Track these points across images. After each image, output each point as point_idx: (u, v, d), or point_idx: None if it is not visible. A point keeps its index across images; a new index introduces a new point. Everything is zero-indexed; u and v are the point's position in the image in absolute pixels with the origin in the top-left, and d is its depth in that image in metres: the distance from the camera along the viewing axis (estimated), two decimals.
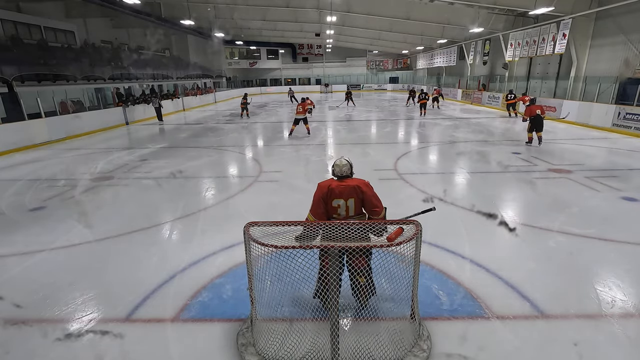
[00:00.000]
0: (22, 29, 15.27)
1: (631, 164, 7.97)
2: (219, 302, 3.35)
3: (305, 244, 2.42)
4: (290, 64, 42.43)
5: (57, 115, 13.02)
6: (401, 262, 2.65)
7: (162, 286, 3.62)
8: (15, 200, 6.46)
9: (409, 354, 2.62)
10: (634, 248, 4.18)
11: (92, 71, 17.23)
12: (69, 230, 5.10)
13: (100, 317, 3.18)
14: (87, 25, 19.46)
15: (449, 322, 3.02)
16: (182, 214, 5.57)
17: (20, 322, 3.14)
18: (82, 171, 7.83)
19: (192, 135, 13.44)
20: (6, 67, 12.56)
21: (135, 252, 4.39)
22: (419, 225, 2.51)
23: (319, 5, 19.92)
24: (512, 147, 9.89)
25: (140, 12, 19.55)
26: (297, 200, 6.07)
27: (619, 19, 13.04)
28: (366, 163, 8.62)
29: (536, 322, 3.01)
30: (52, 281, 3.75)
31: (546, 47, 15.76)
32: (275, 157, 9.38)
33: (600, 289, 3.40)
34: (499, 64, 21.77)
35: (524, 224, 4.94)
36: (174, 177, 7.71)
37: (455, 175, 7.59)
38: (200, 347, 2.81)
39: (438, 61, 29.53)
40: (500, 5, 15.49)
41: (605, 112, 12.26)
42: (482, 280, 3.58)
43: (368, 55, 40.73)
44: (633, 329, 2.91)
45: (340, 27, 26.07)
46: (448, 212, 5.47)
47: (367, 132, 13.44)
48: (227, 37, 30.52)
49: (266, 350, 2.65)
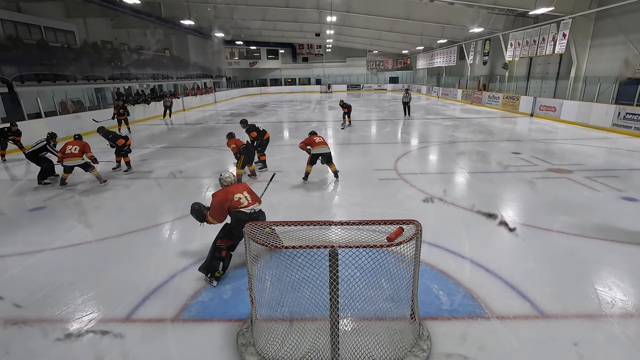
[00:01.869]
0: (22, 29, 15.27)
1: (631, 164, 7.96)
2: (219, 302, 3.35)
3: (305, 245, 2.42)
4: (290, 64, 42.42)
5: (57, 115, 13.03)
6: (401, 262, 2.65)
7: (162, 286, 3.62)
8: (15, 200, 6.46)
9: (409, 354, 2.62)
10: (634, 248, 4.18)
11: (92, 71, 17.24)
12: (69, 230, 5.10)
13: (100, 317, 3.18)
14: (87, 25, 19.47)
15: (449, 322, 3.02)
16: (182, 214, 5.56)
17: (20, 322, 3.14)
18: (82, 171, 7.79)
19: (192, 135, 13.44)
20: (6, 67, 12.56)
21: (135, 252, 4.39)
22: (419, 225, 2.51)
23: (319, 5, 19.91)
24: (512, 147, 9.90)
25: (140, 12, 19.55)
26: (297, 200, 6.08)
27: (619, 19, 13.04)
28: (366, 163, 8.63)
29: (536, 322, 3.01)
30: (52, 281, 3.75)
31: (546, 47, 15.76)
32: (275, 157, 9.38)
33: (600, 289, 3.40)
34: (499, 64, 21.77)
35: (524, 224, 4.94)
36: (174, 177, 7.71)
37: (455, 175, 7.59)
38: (200, 347, 2.81)
39: (438, 61, 29.53)
40: (500, 5, 15.49)
41: (605, 112, 12.26)
42: (482, 280, 3.58)
43: (368, 55, 40.71)
44: (633, 329, 2.91)
45: (340, 27, 26.07)
46: (448, 212, 5.47)
47: (367, 132, 13.44)
48: (227, 37, 30.55)
49: (266, 350, 2.65)
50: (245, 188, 3.86)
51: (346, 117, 14.44)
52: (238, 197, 3.69)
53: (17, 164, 9.31)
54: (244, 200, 3.71)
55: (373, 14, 20.55)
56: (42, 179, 7.27)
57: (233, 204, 3.66)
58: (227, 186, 3.81)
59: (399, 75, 41.53)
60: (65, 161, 6.87)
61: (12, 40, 14.30)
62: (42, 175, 7.28)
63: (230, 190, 3.74)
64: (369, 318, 2.95)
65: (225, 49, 37.72)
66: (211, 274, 3.62)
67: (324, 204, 6.00)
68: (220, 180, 3.89)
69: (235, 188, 3.78)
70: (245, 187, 3.87)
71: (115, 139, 7.75)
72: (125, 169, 8.04)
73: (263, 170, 7.94)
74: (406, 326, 2.82)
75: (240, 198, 3.70)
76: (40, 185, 7.20)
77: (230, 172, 3.98)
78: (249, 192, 3.84)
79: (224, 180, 3.86)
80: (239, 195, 3.71)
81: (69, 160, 6.88)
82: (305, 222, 2.64)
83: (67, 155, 6.87)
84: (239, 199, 3.69)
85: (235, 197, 3.68)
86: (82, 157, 6.99)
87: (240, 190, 3.78)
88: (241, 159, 6.87)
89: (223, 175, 3.91)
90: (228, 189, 3.76)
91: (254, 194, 3.90)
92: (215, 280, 3.62)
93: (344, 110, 14.28)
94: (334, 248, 2.27)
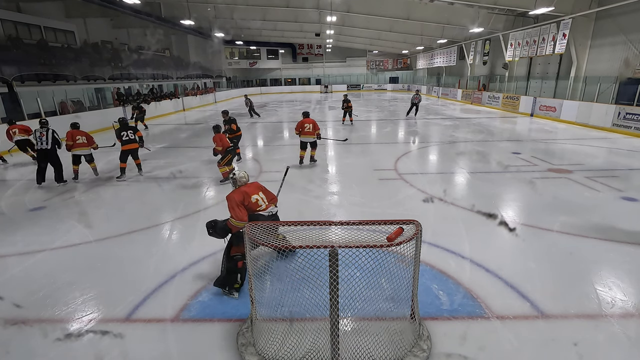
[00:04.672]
0: (22, 29, 15.25)
1: (631, 164, 7.96)
2: (219, 302, 3.35)
3: (305, 245, 2.42)
4: (290, 64, 42.41)
5: (57, 115, 13.03)
6: (401, 262, 2.65)
7: (162, 286, 3.62)
8: (15, 200, 6.45)
9: (409, 354, 2.62)
10: (634, 248, 4.18)
11: (92, 71, 17.24)
12: (69, 230, 5.10)
13: (100, 317, 3.18)
14: (87, 25, 19.45)
15: (449, 322, 3.02)
16: (182, 214, 5.57)
17: (20, 322, 3.14)
18: (82, 171, 7.80)
19: (192, 135, 13.44)
20: (6, 67, 12.56)
21: (135, 252, 4.39)
22: (419, 225, 2.51)
23: (319, 5, 19.90)
24: (512, 147, 9.89)
25: (140, 12, 19.55)
26: (297, 200, 6.08)
27: (619, 19, 13.04)
28: (366, 163, 8.63)
29: (536, 322, 3.01)
30: (52, 281, 3.75)
31: (546, 47, 15.76)
32: (275, 157, 9.38)
33: (600, 289, 3.40)
34: (499, 64, 21.77)
35: (524, 224, 4.94)
36: (174, 177, 7.71)
37: (455, 175, 7.59)
38: (200, 347, 2.81)
39: (438, 61, 29.53)
40: (500, 5, 15.49)
41: (605, 112, 12.27)
42: (482, 280, 3.58)
43: (368, 55, 40.70)
44: (633, 329, 2.91)
45: (340, 27, 26.07)
46: (448, 212, 5.47)
47: (367, 132, 13.43)
48: (227, 37, 30.54)
49: (266, 350, 2.65)
50: (260, 188, 3.68)
51: (348, 115, 14.59)
52: (255, 198, 3.50)
53: (17, 163, 9.30)
54: (262, 203, 3.53)
55: (373, 14, 20.55)
56: (62, 179, 7.12)
57: (251, 206, 3.45)
58: (241, 186, 3.56)
59: (399, 75, 41.52)
60: (74, 150, 6.79)
61: (12, 40, 14.29)
62: (61, 174, 7.10)
63: (246, 190, 3.50)
64: (369, 318, 2.95)
65: (225, 49, 37.72)
66: (229, 286, 3.40)
67: (324, 204, 6.00)
68: (233, 180, 3.60)
69: (250, 188, 3.56)
70: (259, 187, 3.68)
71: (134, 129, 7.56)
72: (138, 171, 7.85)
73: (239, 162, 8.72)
74: (406, 326, 2.82)
75: (257, 200, 3.50)
76: (60, 184, 7.08)
77: (244, 171, 3.66)
78: (264, 192, 3.67)
79: (239, 180, 3.58)
80: (255, 196, 3.51)
81: (78, 150, 6.82)
82: (305, 222, 2.64)
83: (77, 145, 6.81)
84: (256, 200, 3.49)
85: (253, 199, 3.48)
86: (89, 147, 6.98)
87: (256, 190, 3.58)
88: (227, 158, 7.02)
89: (237, 174, 3.61)
90: (243, 189, 3.51)
91: (269, 192, 3.73)
92: (236, 292, 3.39)
93: (348, 105, 14.48)
94: (334, 248, 2.26)
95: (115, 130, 7.37)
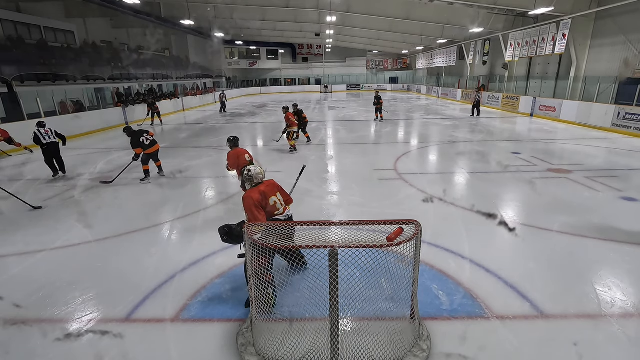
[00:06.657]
0: (22, 29, 15.25)
1: (631, 164, 7.97)
2: (219, 302, 3.35)
3: (305, 245, 2.42)
4: (290, 64, 42.43)
5: (56, 115, 13.02)
6: (401, 262, 2.65)
7: (162, 286, 3.62)
8: (15, 200, 6.45)
9: (408, 354, 2.62)
10: (634, 248, 4.18)
11: (92, 71, 17.25)
12: (69, 230, 5.10)
13: (100, 317, 3.18)
14: (87, 25, 19.45)
15: (449, 322, 3.02)
16: (182, 214, 5.57)
17: (20, 322, 3.14)
18: (82, 171, 7.82)
19: (192, 135, 13.44)
20: (6, 67, 12.57)
21: (135, 252, 4.39)
22: (419, 225, 2.51)
23: (318, 5, 19.91)
24: (512, 147, 9.90)
25: (140, 12, 19.56)
26: (297, 200, 6.07)
27: (619, 19, 13.04)
28: (366, 163, 8.63)
29: (536, 322, 3.01)
30: (52, 281, 3.75)
31: (546, 47, 15.76)
32: (275, 157, 9.39)
33: (600, 289, 3.40)
34: (499, 64, 21.77)
35: (524, 224, 4.94)
36: (174, 177, 7.71)
37: (455, 175, 7.59)
38: (200, 347, 2.81)
39: (438, 61, 29.53)
40: (500, 6, 15.50)
41: (605, 112, 12.27)
42: (482, 280, 3.58)
43: (368, 55, 40.73)
44: (633, 329, 2.91)
45: (340, 27, 26.07)
46: (448, 212, 5.47)
47: (367, 132, 13.44)
48: (227, 37, 30.54)
49: (266, 350, 2.65)
50: (278, 189, 3.34)
51: (379, 111, 15.69)
52: (274, 200, 3.21)
53: (17, 164, 9.30)
54: (279, 206, 3.25)
55: (373, 14, 20.56)
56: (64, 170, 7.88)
57: (269, 209, 3.16)
58: (259, 184, 3.21)
59: (399, 75, 41.54)
60: None
61: (12, 40, 14.29)
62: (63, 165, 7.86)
63: (264, 190, 3.17)
64: (368, 318, 2.94)
65: (225, 49, 37.73)
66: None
67: (324, 204, 6.00)
68: (249, 177, 3.20)
69: (268, 188, 3.22)
70: (276, 187, 3.34)
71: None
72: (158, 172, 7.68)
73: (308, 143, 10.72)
74: (406, 326, 2.82)
75: (275, 202, 3.22)
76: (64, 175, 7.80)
77: (259, 167, 3.30)
78: (281, 192, 3.36)
79: (255, 177, 3.19)
80: (274, 198, 3.22)
81: None
82: (305, 222, 2.64)
83: None
84: (274, 203, 3.21)
85: (271, 201, 3.19)
86: None
87: (274, 192, 3.26)
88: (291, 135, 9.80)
89: (253, 171, 3.20)
90: (261, 189, 3.17)
91: (285, 193, 3.42)
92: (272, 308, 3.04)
93: (380, 102, 15.53)
94: (333, 248, 2.26)
95: (131, 141, 7.02)
